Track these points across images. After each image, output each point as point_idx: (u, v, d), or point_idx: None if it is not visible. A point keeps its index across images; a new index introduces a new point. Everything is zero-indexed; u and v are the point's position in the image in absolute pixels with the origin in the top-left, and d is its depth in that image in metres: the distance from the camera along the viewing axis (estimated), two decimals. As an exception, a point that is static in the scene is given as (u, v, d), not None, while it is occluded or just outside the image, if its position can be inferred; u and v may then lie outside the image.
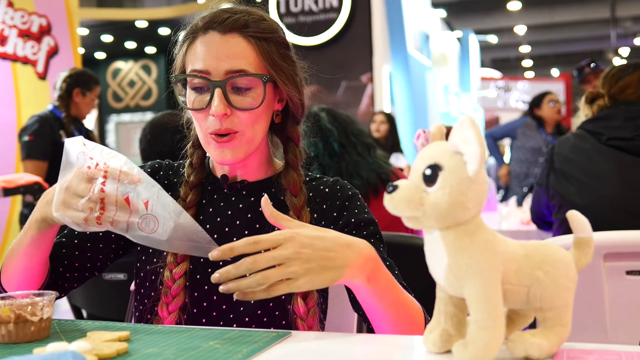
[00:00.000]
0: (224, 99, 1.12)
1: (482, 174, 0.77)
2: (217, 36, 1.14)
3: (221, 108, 1.11)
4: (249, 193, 1.24)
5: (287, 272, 0.89)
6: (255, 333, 0.96)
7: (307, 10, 6.51)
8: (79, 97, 3.82)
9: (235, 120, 1.13)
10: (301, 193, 1.21)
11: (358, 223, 1.20)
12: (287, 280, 0.89)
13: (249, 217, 1.21)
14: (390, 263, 1.17)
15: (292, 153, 1.24)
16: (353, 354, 0.87)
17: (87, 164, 1.00)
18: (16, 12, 5.22)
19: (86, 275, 1.26)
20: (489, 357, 0.76)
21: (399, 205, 0.78)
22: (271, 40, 1.17)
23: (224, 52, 1.12)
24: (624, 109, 2.02)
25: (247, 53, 1.13)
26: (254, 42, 1.14)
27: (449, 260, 0.77)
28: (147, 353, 0.87)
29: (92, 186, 0.98)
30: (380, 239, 1.21)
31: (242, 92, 1.14)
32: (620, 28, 14.62)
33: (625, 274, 1.71)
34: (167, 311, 1.15)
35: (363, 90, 6.43)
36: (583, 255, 0.83)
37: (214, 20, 1.15)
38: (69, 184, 0.99)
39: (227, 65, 1.12)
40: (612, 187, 1.95)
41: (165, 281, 1.16)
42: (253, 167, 1.24)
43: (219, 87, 1.11)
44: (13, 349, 0.91)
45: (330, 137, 2.30)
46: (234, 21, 1.14)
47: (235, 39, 1.14)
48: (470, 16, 13.99)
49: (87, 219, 0.98)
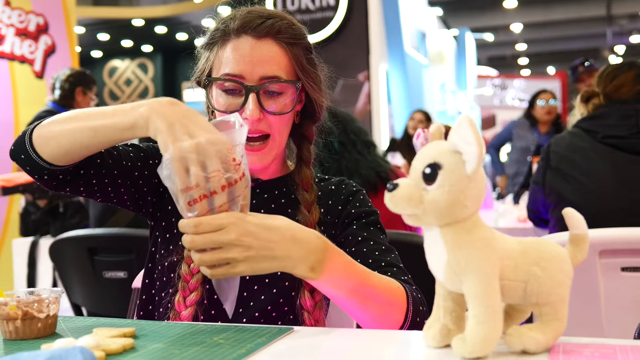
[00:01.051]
0: (258, 103, 1.15)
1: (481, 172, 0.79)
2: (252, 41, 1.17)
3: (256, 113, 1.15)
4: (262, 191, 1.27)
5: (224, 257, 0.91)
6: (259, 329, 0.98)
7: (304, 9, 6.52)
8: (80, 96, 3.96)
9: (266, 124, 1.17)
10: (312, 189, 1.25)
11: (359, 214, 1.24)
12: (227, 265, 0.92)
13: (262, 213, 1.23)
14: (387, 247, 1.20)
15: (307, 150, 1.28)
16: (354, 349, 0.89)
17: (232, 156, 0.94)
18: (13, 11, 5.22)
19: (93, 182, 1.17)
20: (487, 351, 0.78)
21: (400, 203, 0.80)
22: (300, 45, 1.21)
23: (258, 58, 1.16)
24: (619, 108, 2.05)
25: (280, 59, 1.17)
26: (286, 47, 1.18)
27: (448, 256, 0.79)
28: (152, 348, 0.88)
29: (218, 175, 0.91)
30: (380, 229, 1.25)
31: (274, 96, 1.17)
32: (616, 26, 14.67)
33: (621, 270, 1.73)
34: (185, 305, 1.16)
35: (360, 88, 6.44)
36: (579, 252, 0.86)
37: (248, 25, 1.17)
38: (205, 149, 0.91)
39: (261, 70, 1.15)
40: (607, 185, 1.97)
41: (183, 275, 1.18)
42: (271, 167, 1.27)
43: (254, 92, 1.15)
44: (21, 345, 0.93)
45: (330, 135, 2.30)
46: (268, 26, 1.17)
47: (269, 44, 1.17)
48: (466, 14, 14.02)
49: (186, 189, 0.91)
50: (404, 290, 1.08)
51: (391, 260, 1.18)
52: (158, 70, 14.57)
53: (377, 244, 1.20)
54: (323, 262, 0.96)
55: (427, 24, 9.12)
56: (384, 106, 6.62)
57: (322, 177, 1.32)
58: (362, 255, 1.18)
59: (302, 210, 1.22)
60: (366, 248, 1.19)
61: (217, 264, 0.93)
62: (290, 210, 1.25)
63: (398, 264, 1.18)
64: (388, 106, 6.85)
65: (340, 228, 1.25)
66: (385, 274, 1.12)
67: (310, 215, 1.21)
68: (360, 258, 1.16)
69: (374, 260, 1.17)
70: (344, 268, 1.00)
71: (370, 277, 1.04)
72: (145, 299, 1.27)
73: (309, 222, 1.21)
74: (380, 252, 1.19)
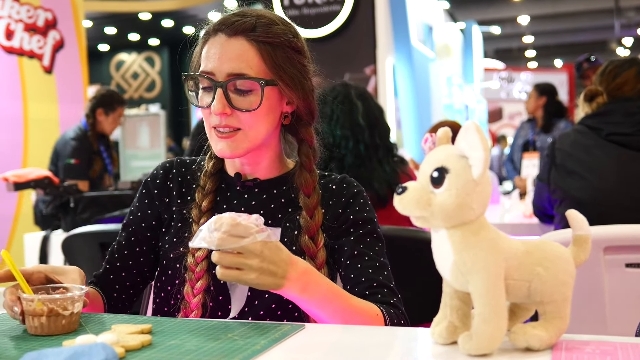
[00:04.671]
0: (223, 98, 1.18)
1: (487, 176, 0.81)
2: (224, 39, 1.20)
3: (219, 107, 1.18)
4: (261, 190, 1.29)
5: (242, 262, 0.98)
6: (271, 325, 1.01)
7: (311, 3, 6.53)
8: (102, 117, 4.24)
9: (236, 119, 1.20)
10: (315, 193, 1.25)
11: (356, 221, 1.26)
12: (240, 270, 0.99)
13: (261, 213, 1.26)
14: (382, 264, 1.23)
15: (305, 154, 1.28)
16: (364, 345, 0.92)
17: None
18: (22, 6, 5.26)
19: (140, 288, 1.35)
20: (492, 348, 0.81)
21: (408, 205, 0.83)
22: (278, 44, 1.21)
23: (227, 55, 1.19)
24: (623, 105, 2.06)
25: (250, 56, 1.19)
26: (257, 45, 1.19)
27: (455, 257, 0.82)
28: (169, 345, 0.92)
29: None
30: (377, 238, 1.26)
31: (243, 94, 1.19)
32: (623, 18, 14.58)
33: (625, 266, 1.76)
34: (193, 294, 1.20)
35: (367, 82, 6.45)
36: (581, 252, 0.89)
37: (223, 23, 1.21)
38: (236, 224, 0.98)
39: (228, 67, 1.18)
40: (612, 182, 1.99)
41: (189, 266, 1.22)
42: (264, 165, 1.29)
43: (220, 88, 1.18)
44: (44, 341, 0.97)
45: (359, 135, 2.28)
46: (240, 24, 1.20)
47: (240, 42, 1.19)
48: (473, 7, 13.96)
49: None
50: (380, 313, 1.15)
51: (383, 280, 1.21)
52: (165, 63, 14.60)
53: (372, 259, 1.23)
54: (311, 284, 1.06)
55: (434, 17, 9.11)
56: (390, 100, 6.63)
57: (322, 174, 1.32)
58: (356, 271, 1.22)
59: (304, 215, 1.23)
60: (360, 264, 1.22)
61: (232, 266, 0.99)
62: (290, 210, 1.26)
63: (389, 283, 1.22)
64: (395, 100, 6.86)
65: (337, 231, 1.26)
66: (375, 296, 1.18)
67: (311, 220, 1.23)
68: (354, 274, 1.21)
69: (367, 279, 1.21)
70: (327, 290, 1.09)
71: (349, 301, 1.12)
72: (156, 292, 1.31)
73: (310, 227, 1.22)
74: (374, 270, 1.22)
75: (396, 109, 6.84)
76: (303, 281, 1.05)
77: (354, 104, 2.33)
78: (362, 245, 1.24)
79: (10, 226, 5.04)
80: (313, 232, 1.23)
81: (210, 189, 1.28)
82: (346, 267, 1.23)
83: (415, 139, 6.83)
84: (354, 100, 2.34)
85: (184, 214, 1.29)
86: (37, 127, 5.28)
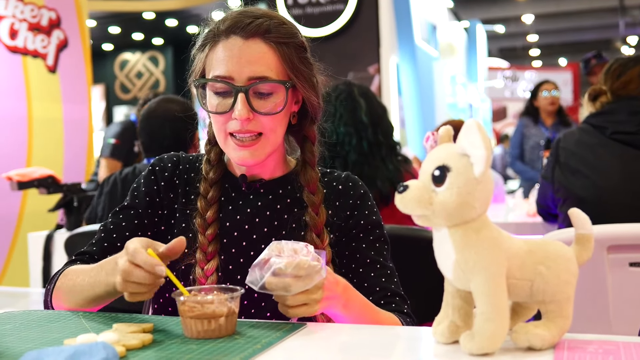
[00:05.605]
0: (247, 103, 1.16)
1: (488, 175, 0.81)
2: (240, 41, 1.17)
3: (244, 113, 1.15)
4: (266, 191, 1.27)
5: (311, 298, 0.99)
6: (272, 325, 1.01)
7: (314, 2, 6.52)
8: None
9: (257, 124, 1.18)
10: (318, 190, 1.25)
11: (366, 226, 1.26)
12: (306, 305, 0.99)
13: (267, 214, 1.25)
14: (392, 270, 1.25)
15: (310, 152, 1.27)
16: (366, 344, 0.92)
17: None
18: (26, 5, 5.26)
19: None
20: (494, 347, 0.80)
21: (410, 204, 0.82)
22: (291, 44, 1.20)
23: (246, 58, 1.16)
24: (627, 103, 2.06)
25: (269, 59, 1.17)
26: (275, 47, 1.18)
27: (457, 256, 0.82)
28: (170, 343, 0.92)
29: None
30: (384, 241, 1.28)
31: (264, 97, 1.18)
32: (628, 17, 14.54)
33: (629, 265, 1.75)
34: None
35: (370, 81, 6.44)
36: (584, 251, 0.88)
37: (236, 25, 1.18)
38: None
39: (249, 71, 1.16)
40: (616, 181, 1.99)
41: (198, 279, 1.20)
42: (270, 166, 1.28)
43: (242, 93, 1.15)
44: (44, 341, 0.96)
45: (362, 133, 2.28)
46: (256, 26, 1.17)
47: (258, 44, 1.17)
48: (477, 6, 13.93)
49: None
50: (400, 322, 1.17)
51: (395, 288, 1.24)
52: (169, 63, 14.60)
53: (383, 267, 1.25)
54: (350, 300, 1.09)
55: (438, 16, 9.09)
56: (394, 99, 6.63)
57: (324, 171, 1.32)
58: (371, 280, 1.23)
59: (310, 212, 1.23)
60: (373, 272, 1.24)
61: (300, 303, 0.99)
62: (296, 210, 1.26)
63: (400, 291, 1.25)
64: (398, 98, 6.85)
65: (346, 235, 1.26)
66: (390, 305, 1.21)
67: (317, 217, 1.23)
68: (368, 283, 1.23)
69: (381, 288, 1.23)
70: (361, 304, 1.12)
71: (378, 312, 1.15)
72: (159, 291, 1.30)
73: (317, 224, 1.22)
74: (387, 278, 1.24)
75: (400, 108, 6.84)
76: (345, 297, 1.07)
77: (357, 102, 2.32)
78: (374, 252, 1.25)
79: (15, 225, 5.05)
80: (319, 229, 1.22)
81: (214, 197, 1.25)
82: (359, 274, 1.24)
83: (419, 138, 6.82)
84: (357, 98, 2.33)
85: (187, 215, 1.26)
86: (41, 127, 5.28)
